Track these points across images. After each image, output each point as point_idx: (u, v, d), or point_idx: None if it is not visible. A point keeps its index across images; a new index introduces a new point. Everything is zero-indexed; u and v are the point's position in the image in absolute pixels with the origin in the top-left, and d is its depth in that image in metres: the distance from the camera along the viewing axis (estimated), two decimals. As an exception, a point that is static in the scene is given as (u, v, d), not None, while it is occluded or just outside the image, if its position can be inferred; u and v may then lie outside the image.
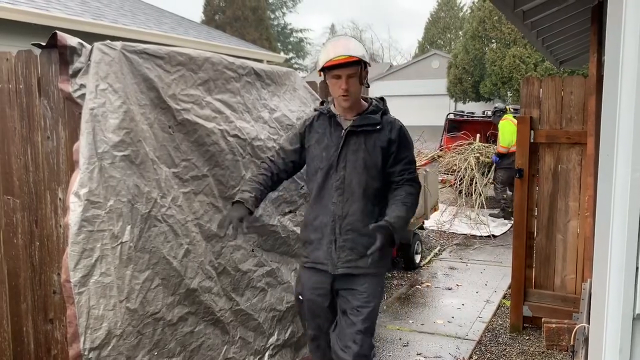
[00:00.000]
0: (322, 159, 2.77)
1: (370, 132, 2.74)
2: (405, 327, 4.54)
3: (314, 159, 2.81)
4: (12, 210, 2.74)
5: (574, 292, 4.22)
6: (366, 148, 2.73)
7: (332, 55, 2.61)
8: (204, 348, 2.89)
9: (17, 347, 2.81)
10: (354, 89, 2.68)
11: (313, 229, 2.80)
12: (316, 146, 2.81)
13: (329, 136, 2.79)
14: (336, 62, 2.60)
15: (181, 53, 2.80)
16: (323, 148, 2.78)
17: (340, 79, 2.65)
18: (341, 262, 2.75)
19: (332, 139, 2.77)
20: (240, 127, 3.11)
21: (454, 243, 7.54)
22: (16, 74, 2.62)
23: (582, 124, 4.09)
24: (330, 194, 2.74)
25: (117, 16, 8.78)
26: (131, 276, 2.46)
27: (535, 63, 22.18)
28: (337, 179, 2.73)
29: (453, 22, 42.74)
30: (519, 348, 4.14)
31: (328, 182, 2.76)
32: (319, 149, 2.79)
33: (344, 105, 2.73)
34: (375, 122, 2.75)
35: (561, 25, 4.68)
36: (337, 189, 2.73)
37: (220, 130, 2.96)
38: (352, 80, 2.65)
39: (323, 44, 2.70)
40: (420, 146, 8.20)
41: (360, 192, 2.72)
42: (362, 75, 2.69)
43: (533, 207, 4.38)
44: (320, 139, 2.80)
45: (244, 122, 3.16)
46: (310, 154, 2.83)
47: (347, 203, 2.73)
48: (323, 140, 2.79)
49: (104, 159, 2.38)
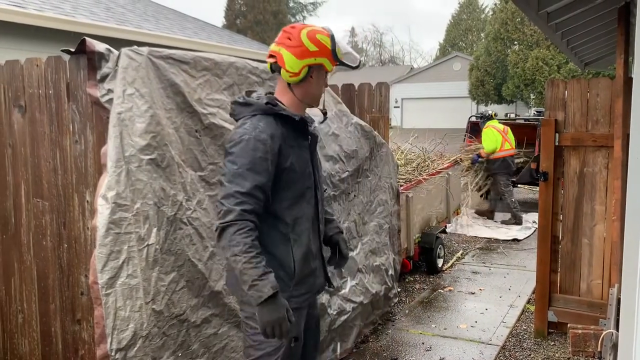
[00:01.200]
0: (307, 176, 2.30)
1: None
2: (428, 332, 4.51)
3: (297, 180, 2.26)
4: (41, 213, 2.80)
5: (600, 297, 4.15)
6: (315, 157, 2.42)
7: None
8: (227, 350, 2.91)
9: (46, 347, 2.87)
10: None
11: (313, 257, 2.35)
12: (299, 163, 2.26)
13: (301, 147, 2.30)
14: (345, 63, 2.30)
15: (206, 58, 2.84)
16: (303, 163, 2.28)
17: (325, 77, 2.33)
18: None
19: (303, 150, 2.31)
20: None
21: (476, 247, 7.47)
22: (46, 80, 2.68)
23: (609, 127, 4.03)
24: (317, 214, 2.37)
25: (140, 21, 8.91)
26: (157, 278, 2.50)
27: (558, 65, 21.91)
28: (320, 194, 2.40)
29: (475, 24, 42.43)
30: (543, 354, 4.08)
31: (317, 201, 2.36)
32: (302, 166, 2.27)
33: (318, 105, 2.38)
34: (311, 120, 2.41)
35: (586, 26, 4.61)
36: (320, 205, 2.39)
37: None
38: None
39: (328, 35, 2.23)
40: (443, 149, 8.13)
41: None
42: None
43: (558, 211, 4.32)
44: (299, 153, 2.28)
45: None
46: (292, 174, 2.23)
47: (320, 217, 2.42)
48: (301, 153, 2.29)
49: (131, 163, 2.42)
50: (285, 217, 2.23)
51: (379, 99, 4.93)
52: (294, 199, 2.25)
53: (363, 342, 4.28)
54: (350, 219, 4.06)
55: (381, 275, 4.52)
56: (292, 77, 2.22)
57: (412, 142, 7.78)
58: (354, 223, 4.10)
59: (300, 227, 2.27)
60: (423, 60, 56.91)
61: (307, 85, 2.26)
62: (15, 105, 2.82)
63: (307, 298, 2.36)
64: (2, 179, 2.94)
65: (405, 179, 6.04)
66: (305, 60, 2.19)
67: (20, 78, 2.78)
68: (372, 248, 4.38)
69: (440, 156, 7.67)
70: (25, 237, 2.89)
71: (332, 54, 2.21)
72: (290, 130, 2.24)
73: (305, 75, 2.21)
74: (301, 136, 2.30)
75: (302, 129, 2.30)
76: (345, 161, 3.95)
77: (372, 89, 4.91)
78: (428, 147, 7.68)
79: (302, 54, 2.18)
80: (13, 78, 2.81)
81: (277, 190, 2.20)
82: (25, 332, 2.95)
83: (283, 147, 2.18)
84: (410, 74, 38.11)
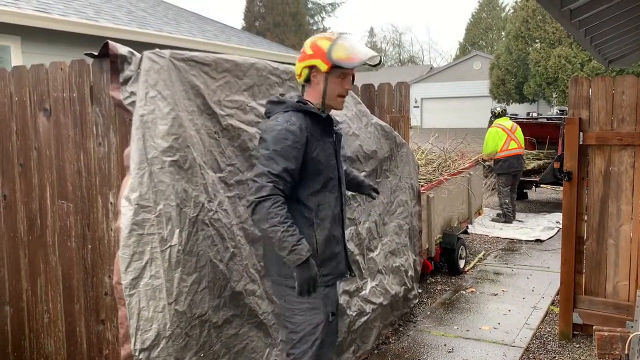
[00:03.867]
0: (332, 168, 2.57)
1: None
2: (450, 333, 4.47)
3: (322, 170, 2.52)
4: (65, 214, 2.85)
5: (627, 299, 4.07)
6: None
7: (366, 53, 2.48)
8: (248, 350, 2.92)
9: (71, 346, 2.91)
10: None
11: (336, 242, 2.61)
12: (323, 155, 2.52)
13: (325, 142, 2.56)
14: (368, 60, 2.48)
15: (227, 60, 2.86)
16: (328, 156, 2.55)
17: (345, 78, 2.52)
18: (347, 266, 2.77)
19: (328, 145, 2.57)
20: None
21: (498, 248, 7.38)
22: (70, 83, 2.72)
23: (635, 125, 3.95)
24: (339, 203, 2.63)
25: (161, 25, 9.01)
26: (179, 279, 2.52)
27: (581, 63, 21.56)
28: (343, 188, 2.68)
29: (495, 23, 42.02)
30: (569, 356, 4.02)
31: (339, 191, 2.63)
32: (324, 157, 2.52)
33: (340, 107, 2.61)
34: (336, 122, 2.74)
35: (611, 22, 4.54)
36: (343, 198, 2.67)
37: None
38: (351, 80, 2.61)
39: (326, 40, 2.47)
40: (465, 149, 8.06)
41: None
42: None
43: (582, 211, 4.25)
44: (322, 146, 2.53)
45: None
46: (317, 165, 2.49)
47: (344, 209, 2.70)
48: (325, 147, 2.55)
49: (153, 164, 2.44)
50: (309, 203, 2.50)
51: (399, 99, 4.91)
52: (318, 187, 2.51)
53: (384, 343, 4.26)
54: (371, 220, 4.05)
55: (400, 277, 4.50)
56: (298, 78, 2.57)
57: (432, 142, 7.73)
58: (374, 224, 4.09)
59: (323, 212, 2.53)
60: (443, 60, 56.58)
61: (313, 85, 2.53)
62: (41, 108, 2.87)
63: (331, 279, 2.60)
64: (28, 182, 3.00)
65: (426, 179, 6.00)
66: (302, 63, 2.50)
67: (45, 82, 2.83)
68: (391, 249, 4.35)
69: (462, 156, 7.60)
70: (50, 238, 2.93)
71: (326, 55, 2.43)
72: (317, 126, 2.51)
73: (307, 76, 2.51)
74: (326, 133, 2.56)
75: (327, 126, 2.57)
76: (363, 161, 3.93)
77: (392, 88, 4.89)
78: (449, 147, 7.62)
79: (302, 58, 2.51)
80: (38, 82, 2.86)
81: (303, 178, 2.47)
82: (51, 332, 2.99)
83: (310, 139, 2.45)
84: (429, 73, 37.88)
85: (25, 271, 3.07)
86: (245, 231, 2.92)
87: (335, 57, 2.42)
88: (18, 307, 3.13)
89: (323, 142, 2.52)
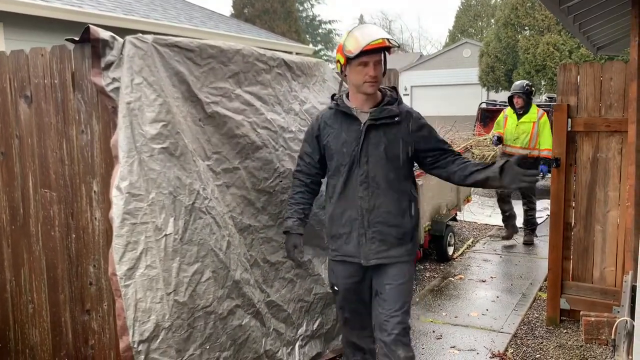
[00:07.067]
0: (344, 155, 2.74)
1: (389, 125, 2.72)
2: (439, 320, 4.49)
3: (334, 156, 2.79)
4: (49, 203, 2.80)
5: (613, 284, 4.10)
6: (387, 141, 2.72)
7: (367, 39, 2.54)
8: (250, 341, 2.89)
9: (56, 337, 2.88)
10: (380, 75, 2.67)
11: (341, 224, 2.80)
12: (334, 142, 2.78)
13: (345, 131, 2.75)
14: (372, 46, 2.54)
15: (212, 46, 2.80)
16: (342, 144, 2.75)
17: (367, 66, 2.61)
18: (372, 254, 2.77)
19: (350, 134, 2.74)
20: (271, 119, 3.10)
21: (487, 235, 7.41)
22: (51, 69, 2.66)
23: (623, 112, 3.95)
24: (356, 189, 2.74)
25: (148, 11, 8.87)
26: (178, 269, 2.47)
27: (570, 50, 21.57)
28: (361, 173, 2.73)
29: (484, 10, 41.90)
30: (556, 342, 4.05)
31: (352, 177, 2.74)
32: (337, 145, 2.76)
33: (370, 91, 2.69)
34: (394, 114, 2.72)
35: (599, 9, 4.52)
36: (362, 183, 2.73)
37: (250, 122, 2.95)
38: (379, 67, 2.65)
39: (347, 33, 2.67)
40: (452, 136, 8.05)
41: (386, 184, 2.74)
42: (385, 62, 2.71)
43: (570, 198, 4.26)
44: (337, 135, 2.77)
45: (275, 114, 3.15)
46: (329, 150, 2.81)
47: (373, 196, 2.73)
48: (340, 135, 2.76)
49: (142, 152, 2.40)
50: (328, 184, 2.89)
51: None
52: (332, 170, 2.84)
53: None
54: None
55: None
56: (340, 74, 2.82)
57: (421, 129, 7.69)
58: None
59: (334, 193, 2.82)
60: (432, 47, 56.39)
61: (347, 76, 2.74)
62: (21, 95, 2.81)
63: (337, 256, 2.86)
64: (10, 170, 2.94)
65: (415, 167, 5.97)
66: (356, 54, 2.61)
67: (25, 68, 2.76)
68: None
69: (451, 143, 7.58)
70: (33, 227, 2.89)
71: (343, 49, 2.63)
72: (342, 116, 2.78)
73: (340, 69, 2.74)
74: (350, 121, 2.75)
75: (350, 116, 2.75)
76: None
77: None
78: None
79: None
80: (18, 68, 2.79)
81: (326, 162, 2.88)
82: (36, 322, 2.96)
83: (323, 127, 2.82)
84: (419, 61, 37.77)
85: (9, 261, 3.02)
86: (234, 220, 2.89)
87: (347, 49, 2.60)
88: (2, 298, 3.08)
89: (339, 130, 2.75)
